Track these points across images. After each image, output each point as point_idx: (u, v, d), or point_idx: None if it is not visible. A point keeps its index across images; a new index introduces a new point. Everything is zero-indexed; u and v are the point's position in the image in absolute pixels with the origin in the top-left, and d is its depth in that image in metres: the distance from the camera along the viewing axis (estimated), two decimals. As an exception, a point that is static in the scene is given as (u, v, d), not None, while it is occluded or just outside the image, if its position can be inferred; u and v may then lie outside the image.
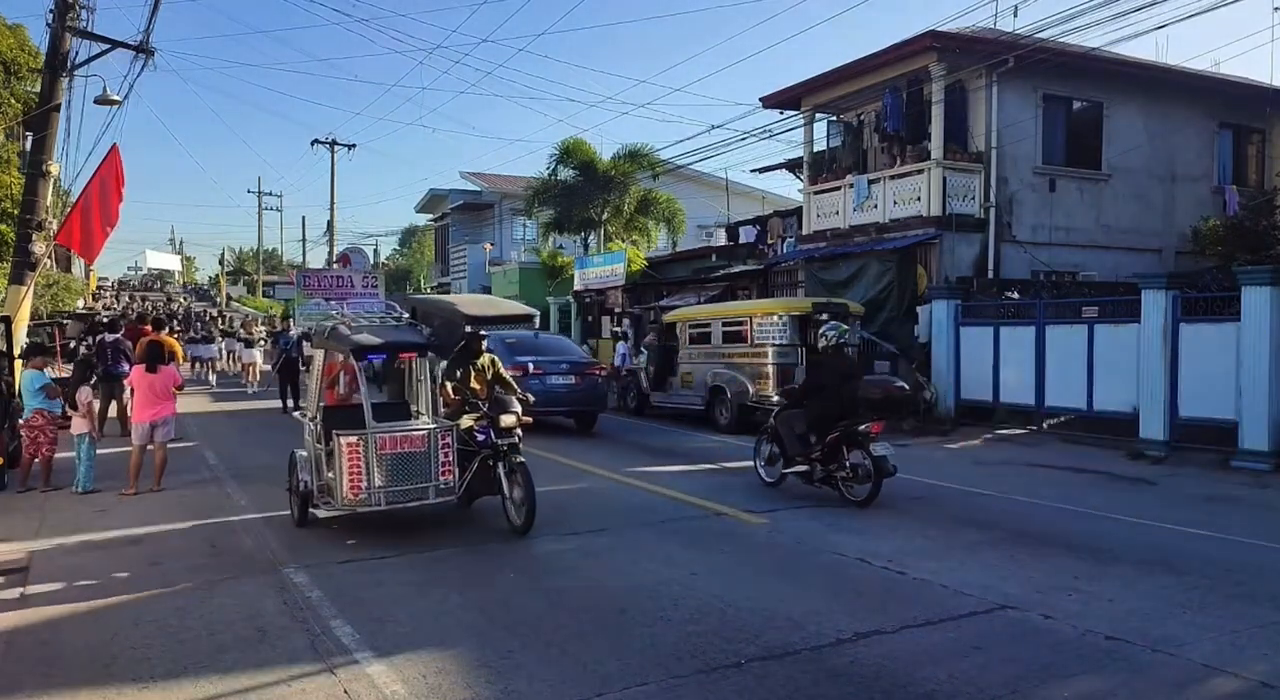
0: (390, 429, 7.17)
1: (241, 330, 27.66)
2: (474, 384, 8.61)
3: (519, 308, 10.23)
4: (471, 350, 8.87)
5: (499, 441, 7.51)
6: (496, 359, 9.09)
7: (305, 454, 7.70)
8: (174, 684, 4.52)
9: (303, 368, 18.89)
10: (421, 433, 7.24)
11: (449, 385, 8.35)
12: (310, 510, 7.55)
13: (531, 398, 8.53)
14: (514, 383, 8.95)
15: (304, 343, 17.18)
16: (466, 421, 7.80)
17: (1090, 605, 5.63)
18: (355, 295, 12.91)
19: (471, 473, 7.66)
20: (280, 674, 4.62)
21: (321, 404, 7.73)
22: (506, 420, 7.56)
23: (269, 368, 21.81)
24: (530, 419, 8.10)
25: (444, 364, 8.94)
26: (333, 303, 11.46)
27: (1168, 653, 4.83)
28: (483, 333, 9.12)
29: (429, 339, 8.13)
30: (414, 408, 8.25)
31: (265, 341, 24.54)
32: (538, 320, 14.74)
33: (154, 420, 9.53)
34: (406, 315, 8.86)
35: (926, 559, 6.68)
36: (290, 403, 17.09)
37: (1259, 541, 7.31)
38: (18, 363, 10.80)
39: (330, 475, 7.27)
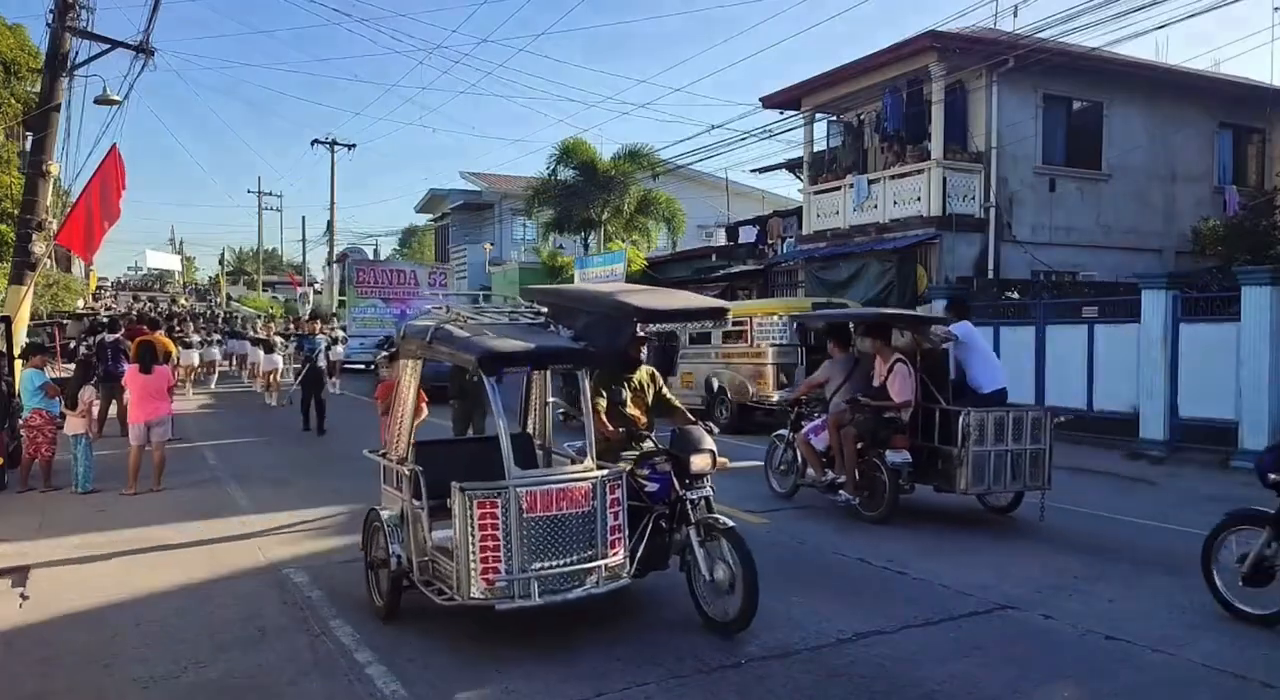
0: (541, 480, 4.89)
1: (250, 330, 25.75)
2: (631, 408, 6.08)
3: (704, 300, 6.58)
4: (628, 360, 6.15)
5: (686, 494, 5.27)
6: (656, 372, 6.45)
7: (391, 513, 5.50)
8: (174, 684, 4.52)
9: (331, 380, 16.79)
10: (584, 484, 4.84)
11: (600, 409, 5.83)
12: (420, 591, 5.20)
13: (715, 428, 5.99)
14: (681, 405, 6.40)
15: (333, 349, 16.13)
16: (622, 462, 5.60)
17: (1090, 605, 5.62)
18: (421, 295, 9.87)
19: (644, 541, 5.30)
20: (280, 674, 4.62)
21: (413, 440, 5.63)
22: (699, 463, 5.28)
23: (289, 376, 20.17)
24: (728, 461, 5.87)
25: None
26: (393, 305, 10.52)
27: (1168, 653, 4.82)
28: (649, 332, 6.56)
29: (584, 344, 5.47)
30: (539, 442, 6.22)
31: (285, 345, 21.31)
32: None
33: (150, 420, 9.52)
34: (537, 308, 6.23)
35: (926, 559, 6.68)
36: (314, 421, 14.33)
37: (1259, 541, 7.30)
38: (18, 362, 10.81)
39: (436, 548, 5.13)
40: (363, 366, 21.09)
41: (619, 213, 28.14)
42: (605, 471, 4.99)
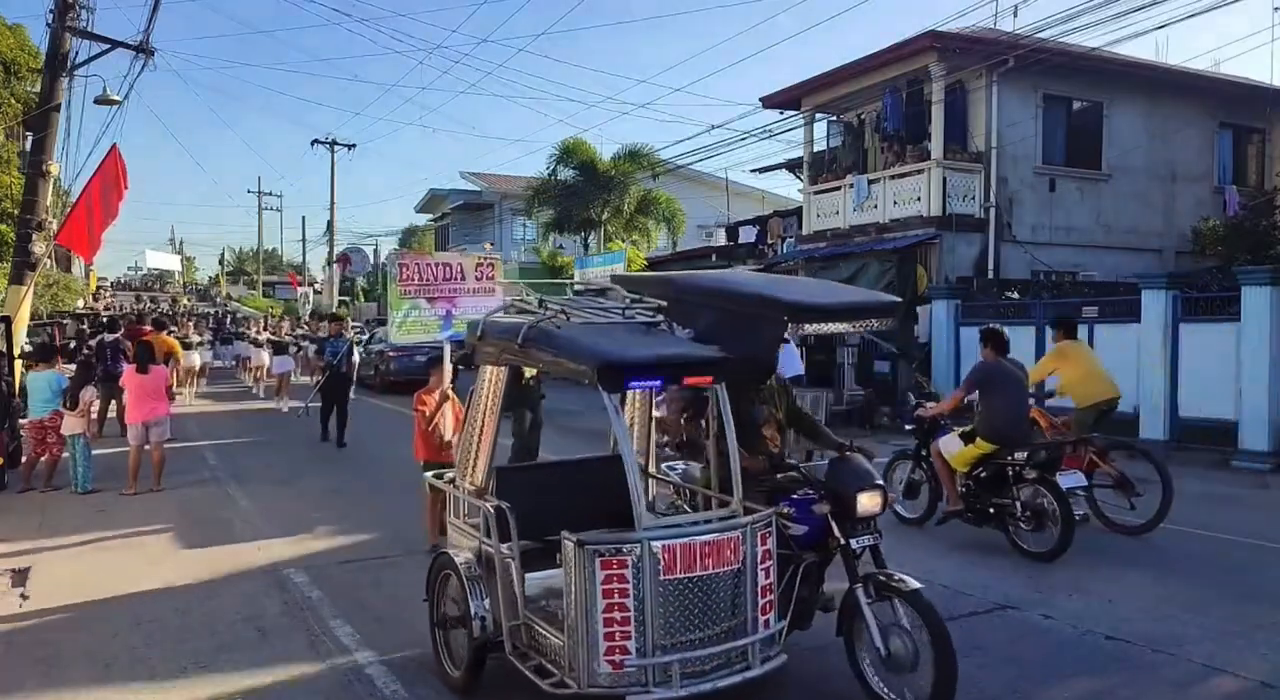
0: (681, 530, 3.80)
1: (255, 331, 24.90)
2: (765, 428, 4.98)
3: (874, 294, 5.31)
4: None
5: (851, 541, 4.25)
6: (788, 383, 5.45)
7: (468, 559, 4.36)
8: (174, 684, 4.52)
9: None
10: (733, 534, 3.79)
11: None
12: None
13: (874, 454, 4.88)
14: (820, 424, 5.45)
15: (354, 351, 14.30)
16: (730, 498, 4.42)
17: (1090, 605, 5.63)
18: (467, 292, 8.20)
19: (793, 599, 4.26)
20: (280, 674, 4.62)
21: (492, 466, 4.52)
22: (868, 503, 4.25)
23: (303, 378, 19.87)
24: (895, 499, 5.04)
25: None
26: (439, 305, 7.90)
27: (1168, 653, 4.82)
28: (803, 335, 5.20)
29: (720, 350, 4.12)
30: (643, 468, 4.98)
31: (299, 347, 20.41)
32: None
33: (147, 420, 9.51)
34: (644, 301, 4.71)
35: (927, 559, 6.67)
36: (337, 432, 12.98)
37: (1259, 541, 7.31)
38: (18, 363, 10.82)
39: (534, 608, 4.07)
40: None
41: (619, 213, 28.17)
42: (753, 516, 3.94)
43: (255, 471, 10.75)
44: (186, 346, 18.49)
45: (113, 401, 13.58)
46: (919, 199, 16.63)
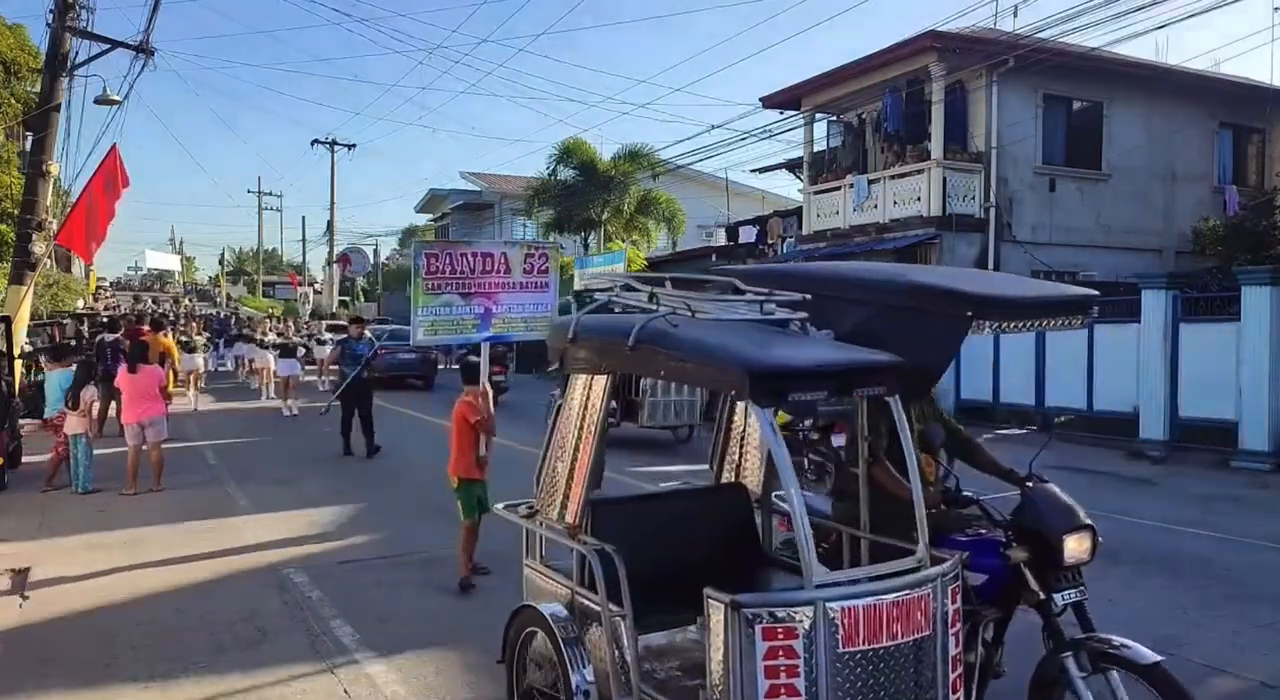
0: (862, 587, 2.94)
1: (261, 332, 24.48)
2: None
3: (1072, 288, 4.23)
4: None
5: (1056, 596, 3.60)
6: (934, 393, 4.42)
7: (559, 613, 3.57)
8: (174, 684, 4.52)
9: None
10: (923, 591, 2.96)
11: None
12: None
13: (1048, 481, 3.93)
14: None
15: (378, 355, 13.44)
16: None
17: (1090, 605, 5.61)
18: (513, 287, 7.02)
19: (977, 667, 3.59)
20: (280, 674, 4.62)
21: (585, 494, 3.56)
22: (1076, 548, 3.57)
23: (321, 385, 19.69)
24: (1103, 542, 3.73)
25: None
26: (475, 301, 6.77)
27: (1168, 653, 4.80)
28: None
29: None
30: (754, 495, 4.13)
31: (306, 349, 20.02)
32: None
33: (141, 420, 9.50)
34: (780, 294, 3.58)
35: (926, 559, 6.67)
36: (365, 440, 12.00)
37: (1259, 541, 7.31)
38: (18, 363, 10.83)
39: (651, 682, 3.38)
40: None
41: (619, 213, 28.17)
42: (942, 566, 3.08)
43: (255, 471, 10.74)
44: (190, 349, 18.04)
45: (112, 402, 13.59)
46: (919, 199, 16.63)
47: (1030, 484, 3.74)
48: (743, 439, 4.21)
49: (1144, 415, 11.94)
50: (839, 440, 7.85)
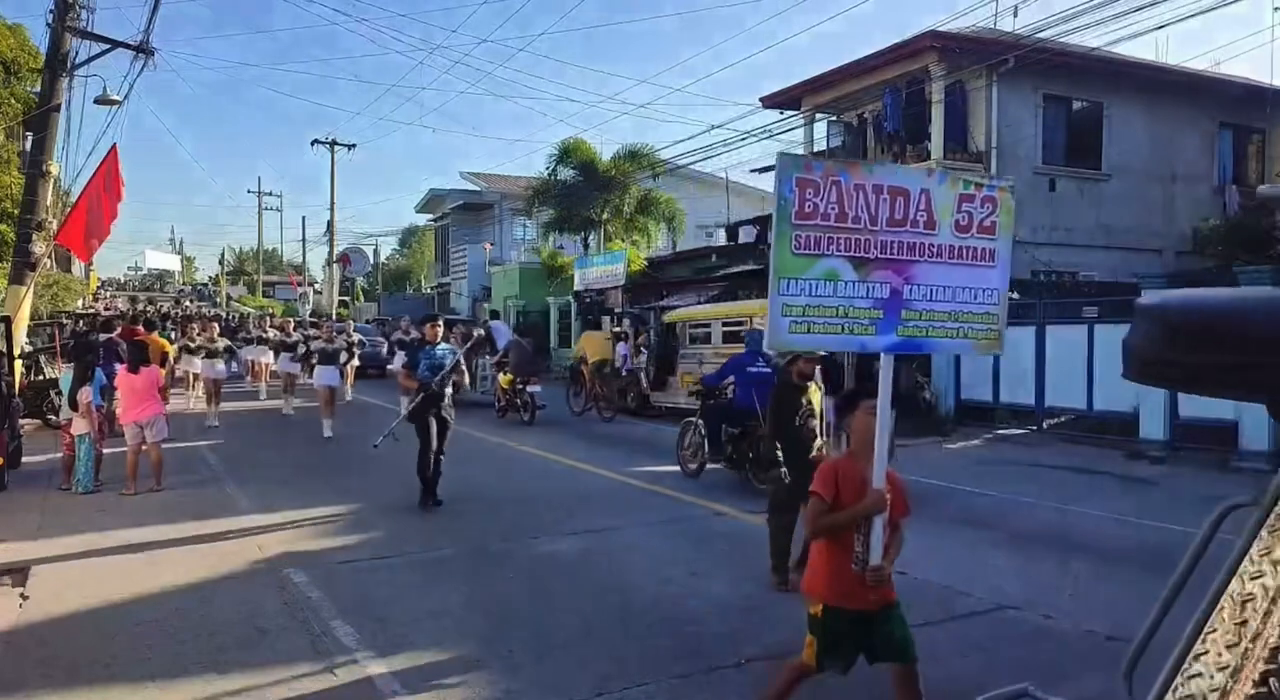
0: None
1: (260, 329, 22.62)
2: None
3: None
4: None
5: None
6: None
7: None
8: (174, 684, 4.51)
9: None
10: None
11: None
12: None
13: None
14: None
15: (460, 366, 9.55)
16: None
17: (1090, 605, 5.62)
18: (937, 255, 2.89)
19: None
20: (280, 674, 4.61)
21: None
22: None
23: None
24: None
25: None
26: (875, 276, 3.45)
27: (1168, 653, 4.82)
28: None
29: None
30: None
31: (306, 348, 16.43)
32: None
33: (140, 420, 9.50)
34: None
35: (927, 559, 6.66)
36: (432, 478, 8.73)
37: (1259, 541, 7.30)
38: (18, 362, 10.82)
39: None
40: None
41: (619, 213, 28.16)
42: None
43: (255, 471, 10.73)
44: (212, 355, 16.08)
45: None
46: (919, 199, 16.62)
47: None
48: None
49: (1144, 415, 11.94)
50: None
